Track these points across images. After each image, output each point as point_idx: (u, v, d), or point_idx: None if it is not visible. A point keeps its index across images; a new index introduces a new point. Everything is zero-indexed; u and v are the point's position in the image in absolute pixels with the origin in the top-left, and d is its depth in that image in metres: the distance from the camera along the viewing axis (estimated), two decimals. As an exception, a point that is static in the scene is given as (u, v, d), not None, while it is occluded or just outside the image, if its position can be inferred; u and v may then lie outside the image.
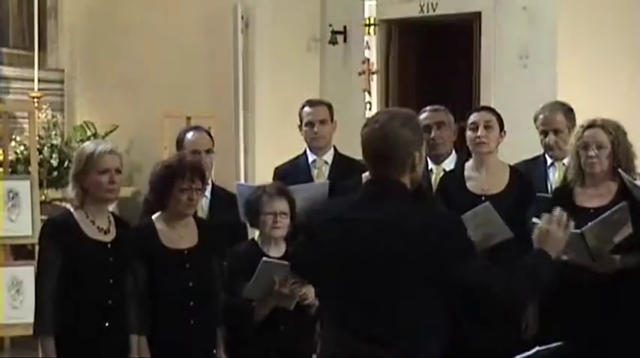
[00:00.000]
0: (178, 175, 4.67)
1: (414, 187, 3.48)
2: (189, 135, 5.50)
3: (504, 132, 5.25)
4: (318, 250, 3.50)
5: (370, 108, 8.25)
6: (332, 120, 5.88)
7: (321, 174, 5.82)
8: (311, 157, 5.85)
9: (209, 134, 5.56)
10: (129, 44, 9.86)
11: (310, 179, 5.73)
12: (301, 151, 5.94)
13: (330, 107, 5.93)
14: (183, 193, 4.67)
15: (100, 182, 4.45)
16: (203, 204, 5.35)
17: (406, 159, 3.41)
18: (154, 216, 4.79)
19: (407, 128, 3.42)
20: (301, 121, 5.87)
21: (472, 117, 5.25)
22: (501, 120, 5.26)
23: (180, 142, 5.49)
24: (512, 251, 4.43)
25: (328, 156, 5.86)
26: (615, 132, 4.73)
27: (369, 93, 8.29)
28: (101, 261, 4.46)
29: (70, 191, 4.55)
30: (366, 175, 3.80)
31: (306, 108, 5.86)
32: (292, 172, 5.77)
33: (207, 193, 5.38)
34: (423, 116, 5.58)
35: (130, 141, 9.33)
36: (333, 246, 3.44)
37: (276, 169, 5.96)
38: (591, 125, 4.76)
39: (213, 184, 5.48)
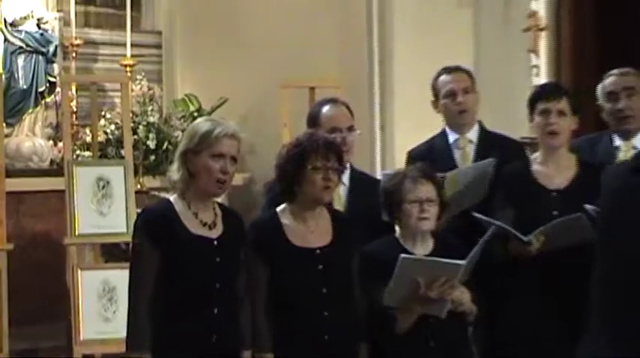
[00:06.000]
0: (310, 152, 4.68)
1: None
2: (326, 109, 5.46)
3: None
4: None
5: (537, 74, 8.14)
6: (474, 90, 5.87)
7: (465, 155, 5.82)
8: (452, 136, 5.86)
9: (348, 108, 5.53)
10: (239, 1, 9.93)
11: (452, 162, 5.74)
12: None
13: (471, 75, 5.94)
14: (317, 172, 4.67)
15: (210, 168, 4.51)
16: (341, 192, 5.32)
17: None
18: (278, 209, 4.82)
19: None
20: (437, 95, 5.88)
21: None
22: None
23: (314, 119, 5.46)
24: None
25: (472, 134, 5.86)
26: None
27: (536, 54, 8.19)
28: (206, 262, 4.50)
29: (175, 172, 4.60)
30: None
31: (444, 77, 5.88)
32: (430, 155, 5.71)
33: (345, 180, 5.31)
34: (608, 81, 5.78)
35: (241, 118, 9.37)
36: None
37: (410, 153, 5.97)
38: None
39: (352, 168, 5.45)
